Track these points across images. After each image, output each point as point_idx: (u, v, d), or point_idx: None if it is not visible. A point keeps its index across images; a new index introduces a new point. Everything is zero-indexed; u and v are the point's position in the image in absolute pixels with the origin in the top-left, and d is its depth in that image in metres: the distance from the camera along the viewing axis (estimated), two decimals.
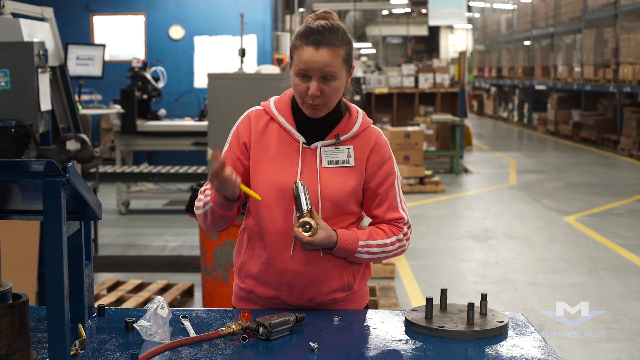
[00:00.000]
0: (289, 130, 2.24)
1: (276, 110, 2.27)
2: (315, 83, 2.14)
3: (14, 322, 1.72)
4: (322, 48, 2.13)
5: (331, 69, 2.14)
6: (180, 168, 7.60)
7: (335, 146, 2.23)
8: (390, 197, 2.27)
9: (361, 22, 33.90)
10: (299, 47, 2.17)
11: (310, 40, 2.14)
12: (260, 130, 2.25)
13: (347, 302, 2.29)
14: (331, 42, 2.14)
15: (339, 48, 2.16)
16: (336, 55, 2.15)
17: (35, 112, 4.80)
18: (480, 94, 29.05)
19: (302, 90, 2.17)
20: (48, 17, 5.65)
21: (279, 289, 2.24)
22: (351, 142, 2.25)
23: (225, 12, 11.32)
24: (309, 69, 2.14)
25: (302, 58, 2.15)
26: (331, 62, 2.14)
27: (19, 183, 1.69)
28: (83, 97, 9.46)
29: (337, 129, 2.25)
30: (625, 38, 14.95)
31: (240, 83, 4.95)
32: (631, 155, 14.17)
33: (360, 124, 2.27)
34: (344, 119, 2.27)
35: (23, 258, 4.46)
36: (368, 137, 2.26)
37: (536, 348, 1.95)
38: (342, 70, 2.18)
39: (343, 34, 2.18)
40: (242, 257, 2.29)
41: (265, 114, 2.28)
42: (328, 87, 2.16)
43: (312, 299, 2.24)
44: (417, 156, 10.91)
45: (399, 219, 2.29)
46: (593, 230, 7.96)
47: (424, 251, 7.13)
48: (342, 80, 2.19)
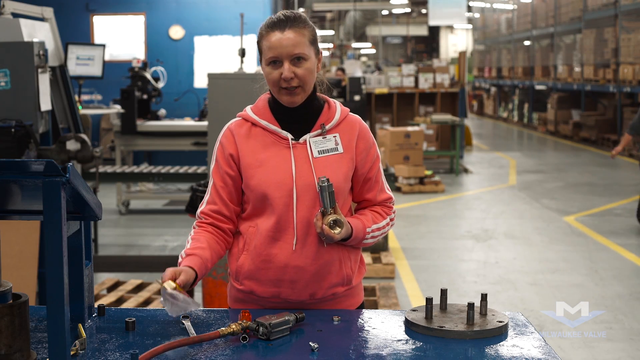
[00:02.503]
0: (274, 131, 2.27)
1: (255, 115, 2.31)
2: (287, 65, 2.20)
3: (14, 322, 1.72)
4: (287, 30, 2.20)
5: (299, 50, 2.20)
6: (180, 168, 7.61)
7: (322, 136, 2.28)
8: (379, 179, 2.37)
9: (361, 22, 33.93)
10: (264, 35, 2.23)
11: (275, 24, 2.22)
12: (243, 137, 2.28)
13: (346, 298, 2.33)
14: (294, 25, 2.21)
15: (303, 29, 2.22)
16: (301, 35, 2.21)
17: (35, 112, 4.80)
18: (480, 94, 29.05)
19: (276, 77, 2.21)
20: (48, 17, 5.65)
21: (280, 286, 2.24)
22: (336, 130, 2.31)
23: (225, 12, 11.32)
24: (278, 53, 2.19)
25: (270, 44, 2.20)
26: (298, 42, 2.20)
27: (19, 183, 1.69)
28: (83, 97, 9.46)
29: (320, 119, 2.30)
30: (625, 38, 14.95)
31: (240, 83, 4.96)
32: (631, 155, 14.17)
33: (341, 112, 2.34)
34: (324, 110, 2.32)
35: (23, 258, 4.46)
36: (351, 125, 2.33)
37: (536, 348, 1.94)
38: (311, 50, 2.23)
39: (305, 20, 2.25)
40: (240, 260, 2.29)
41: (245, 122, 2.32)
42: (300, 68, 2.21)
43: (313, 294, 2.26)
44: (417, 156, 10.91)
45: (388, 199, 2.39)
46: (593, 230, 7.96)
47: (424, 251, 7.13)
48: (312, 61, 2.24)
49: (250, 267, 2.27)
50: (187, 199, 6.34)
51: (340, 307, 2.30)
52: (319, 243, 2.23)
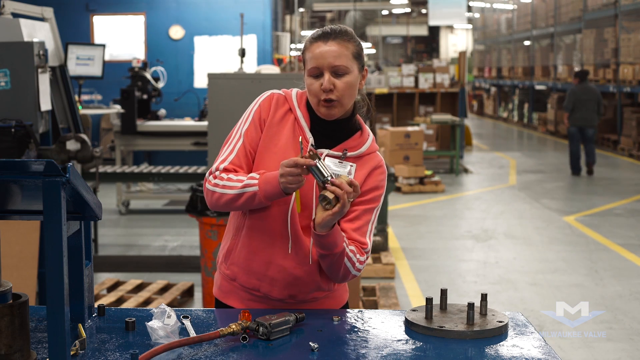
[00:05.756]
0: (302, 127, 2.24)
1: (297, 102, 2.27)
2: (327, 76, 2.16)
3: (14, 322, 1.72)
4: (330, 42, 2.17)
5: (341, 62, 2.16)
6: (180, 168, 7.60)
7: (340, 159, 2.23)
8: (364, 219, 2.23)
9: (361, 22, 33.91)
10: (308, 47, 2.20)
11: (319, 38, 2.19)
12: (279, 117, 2.25)
13: (327, 300, 2.32)
14: (339, 37, 2.18)
15: (348, 42, 2.19)
16: (345, 48, 2.17)
17: (35, 112, 4.80)
18: (480, 94, 29.04)
19: (316, 88, 2.18)
20: (48, 17, 5.65)
21: (262, 280, 2.24)
22: (355, 160, 2.25)
23: (225, 12, 11.32)
24: (319, 64, 2.16)
25: (312, 55, 2.18)
26: (340, 54, 2.16)
27: (19, 183, 1.69)
28: (83, 97, 9.46)
29: (346, 144, 2.25)
30: (625, 38, 14.94)
31: (240, 83, 4.95)
32: (631, 155, 14.17)
33: (369, 147, 2.27)
34: (356, 136, 2.27)
35: (23, 258, 4.46)
36: (371, 161, 2.26)
37: (536, 348, 1.95)
38: (354, 65, 2.19)
39: (351, 34, 2.22)
40: (230, 242, 2.29)
41: (285, 102, 2.27)
42: (340, 81, 2.17)
43: (293, 296, 2.25)
44: (417, 156, 10.91)
45: (364, 244, 2.22)
46: (593, 230, 7.96)
47: (424, 251, 7.13)
48: (354, 76, 2.19)
49: (238, 252, 2.26)
50: (187, 199, 6.34)
51: (321, 307, 2.29)
52: (308, 250, 2.21)
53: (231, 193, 2.14)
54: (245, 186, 2.12)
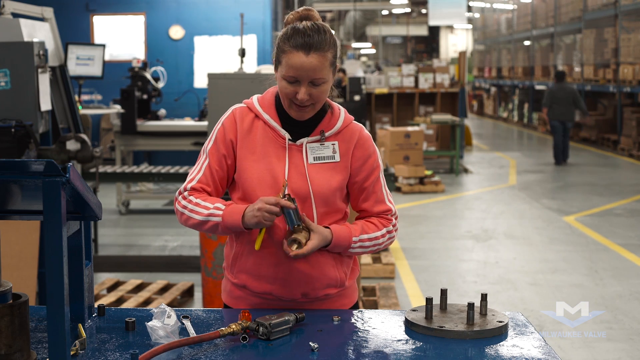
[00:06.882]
0: (274, 127, 2.25)
1: (260, 107, 2.28)
2: (304, 88, 2.16)
3: (14, 322, 1.72)
4: (312, 54, 2.14)
5: (321, 75, 2.16)
6: (180, 168, 7.59)
7: (320, 142, 2.25)
8: (377, 190, 2.30)
9: (361, 22, 33.93)
10: (287, 52, 2.16)
11: (300, 44, 2.14)
12: (246, 128, 2.26)
13: (339, 298, 2.32)
14: (320, 46, 2.15)
15: (327, 52, 2.17)
16: (325, 60, 2.16)
17: (35, 112, 4.80)
18: (480, 94, 29.04)
19: (290, 93, 2.18)
20: (48, 17, 5.65)
21: (273, 283, 2.24)
22: (335, 138, 2.27)
23: (225, 12, 11.32)
24: (299, 75, 2.15)
25: (291, 63, 2.14)
26: (320, 67, 2.15)
27: (19, 183, 1.69)
28: (83, 97, 9.45)
29: (321, 125, 2.27)
30: (625, 38, 14.94)
31: (240, 83, 4.95)
32: (631, 155, 14.17)
33: (344, 120, 2.30)
34: (327, 116, 2.29)
35: (23, 258, 4.46)
36: (351, 133, 2.29)
37: (536, 348, 1.95)
38: (329, 73, 2.20)
39: (330, 36, 2.19)
40: (235, 250, 2.29)
41: (249, 112, 2.29)
42: (316, 90, 2.17)
43: (305, 294, 2.25)
44: (417, 156, 10.91)
45: (387, 211, 2.31)
46: (593, 230, 7.96)
47: (424, 251, 7.13)
48: (329, 82, 2.21)
49: (244, 260, 2.26)
50: None
51: (333, 307, 2.30)
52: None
53: (197, 218, 2.21)
54: (210, 215, 2.19)
